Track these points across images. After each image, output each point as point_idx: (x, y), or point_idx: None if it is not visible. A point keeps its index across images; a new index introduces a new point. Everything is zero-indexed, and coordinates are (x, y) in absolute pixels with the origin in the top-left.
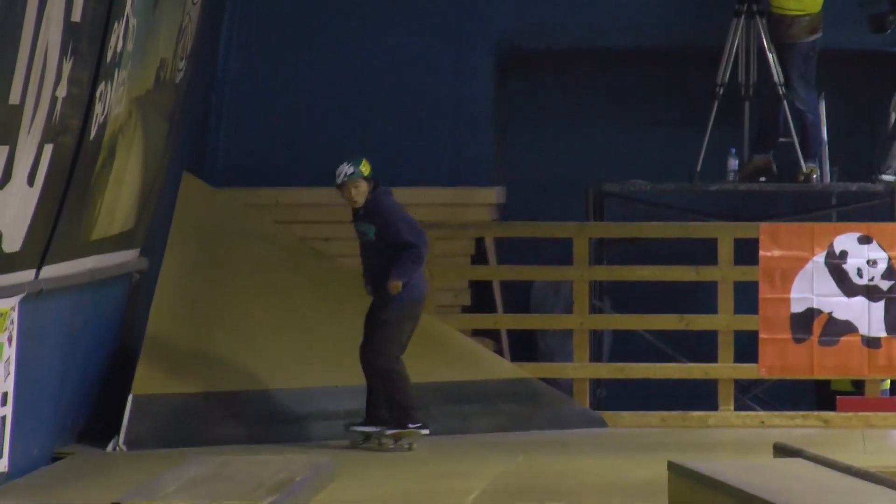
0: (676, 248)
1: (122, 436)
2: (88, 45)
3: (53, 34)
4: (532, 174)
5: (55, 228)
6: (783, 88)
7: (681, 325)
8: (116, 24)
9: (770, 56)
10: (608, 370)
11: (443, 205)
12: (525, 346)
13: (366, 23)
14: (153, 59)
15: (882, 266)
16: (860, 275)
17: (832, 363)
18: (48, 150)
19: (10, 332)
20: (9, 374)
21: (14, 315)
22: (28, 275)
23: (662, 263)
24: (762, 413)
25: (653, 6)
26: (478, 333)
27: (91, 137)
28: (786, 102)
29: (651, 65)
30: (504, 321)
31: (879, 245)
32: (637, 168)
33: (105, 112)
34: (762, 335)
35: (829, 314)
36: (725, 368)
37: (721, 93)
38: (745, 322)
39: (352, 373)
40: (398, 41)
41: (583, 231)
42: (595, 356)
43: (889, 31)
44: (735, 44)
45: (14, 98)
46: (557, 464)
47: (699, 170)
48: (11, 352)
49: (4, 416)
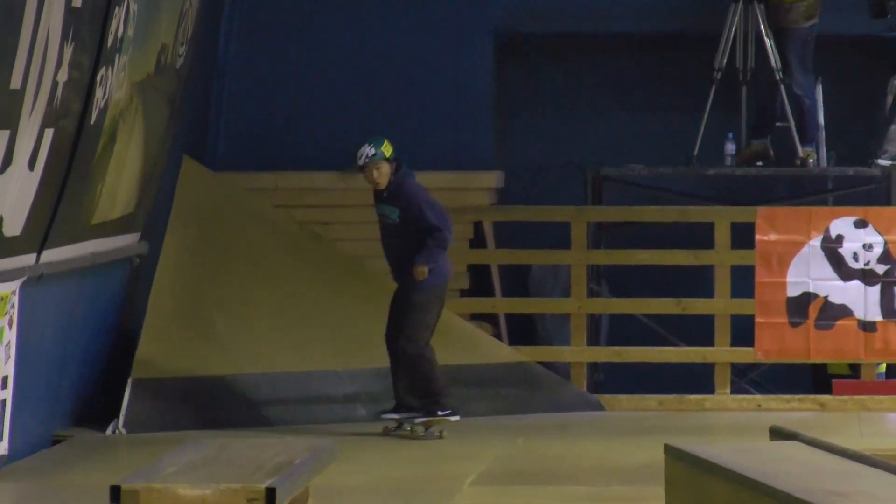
0: (674, 232)
1: (122, 419)
2: (89, 31)
3: (55, 19)
4: (530, 158)
5: (56, 213)
6: (780, 74)
7: (678, 309)
8: (117, 10)
9: (768, 41)
10: (606, 354)
11: (441, 189)
12: (523, 330)
13: (366, 7)
14: (154, 45)
15: (878, 250)
16: (856, 259)
17: (828, 347)
18: (49, 135)
19: (11, 316)
20: (9, 358)
21: (15, 299)
22: (29, 259)
23: (660, 247)
24: (758, 396)
25: None
26: (476, 317)
27: (92, 122)
28: (783, 87)
29: (649, 50)
30: (502, 305)
31: (875, 229)
32: (635, 152)
33: (106, 97)
34: (759, 319)
35: (826, 298)
36: (722, 352)
37: (719, 78)
38: (742, 306)
39: (351, 356)
40: (398, 26)
41: (581, 215)
42: (593, 340)
43: (889, 17)
44: (733, 29)
45: (15, 83)
46: (555, 447)
47: (696, 154)
48: (12, 335)
49: (5, 400)
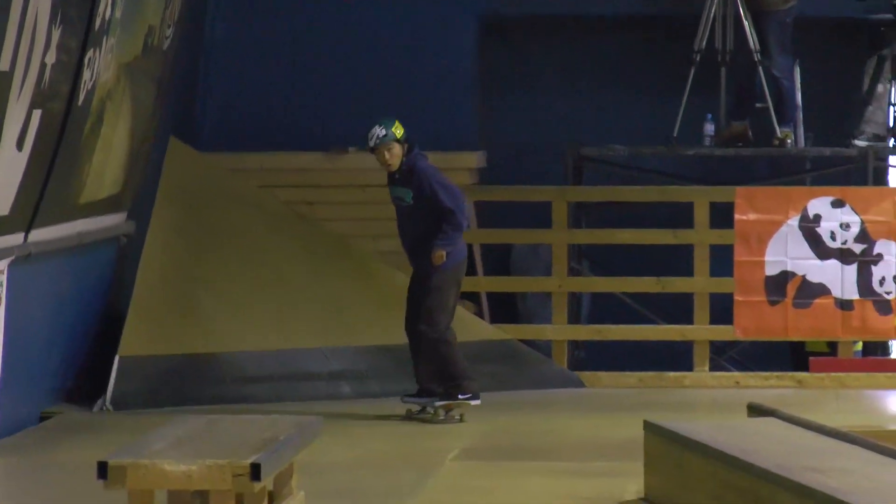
0: (654, 212)
1: (109, 396)
2: (77, 13)
3: (43, 2)
4: (513, 139)
5: (44, 192)
6: (759, 55)
7: (658, 288)
8: None
9: (746, 23)
10: (586, 332)
11: None
12: (505, 309)
13: None
14: (141, 26)
15: (855, 230)
16: (833, 238)
17: (806, 325)
18: (37, 116)
19: (0, 295)
20: None
21: (3, 278)
22: (17, 238)
23: (640, 227)
24: (737, 374)
25: None
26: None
27: (79, 103)
28: (761, 69)
29: (630, 31)
30: (484, 283)
31: (852, 209)
32: (616, 133)
33: (93, 78)
34: (737, 297)
35: (803, 277)
36: (701, 330)
37: (698, 60)
38: (721, 284)
39: (336, 334)
40: (382, 7)
41: (562, 195)
42: (574, 318)
43: None
44: (712, 11)
45: (4, 65)
46: (536, 423)
47: (676, 135)
48: (1, 314)
49: None
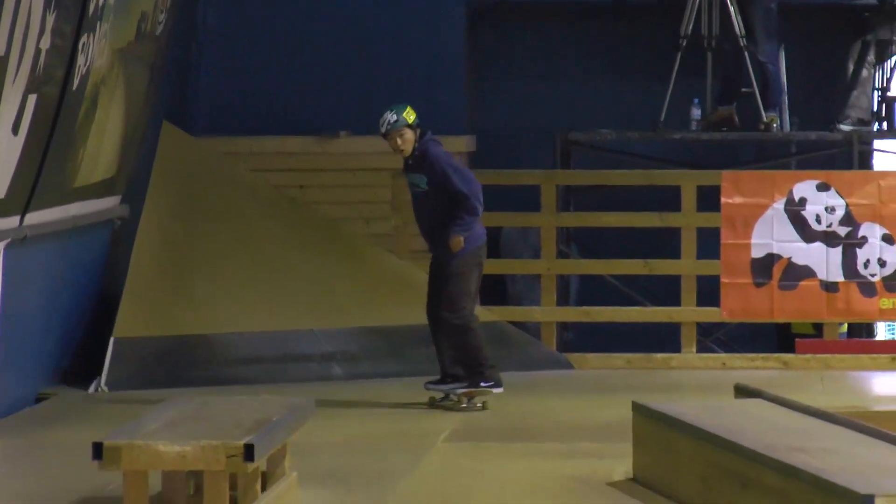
0: (641, 196)
1: (104, 377)
2: None
3: None
4: (502, 123)
5: (39, 176)
6: (745, 41)
7: (645, 270)
8: None
9: (732, 9)
10: (575, 314)
11: None
12: (494, 291)
13: None
14: (134, 12)
15: (840, 213)
16: (819, 221)
17: (791, 307)
18: (32, 100)
19: None
20: None
21: None
22: (13, 221)
23: (628, 210)
24: (723, 355)
25: None
26: None
27: (74, 88)
28: (747, 54)
29: (617, 17)
30: None
31: (837, 192)
32: (603, 118)
33: (87, 63)
34: (724, 280)
35: (789, 259)
36: (688, 312)
37: (684, 45)
38: (708, 267)
39: (327, 316)
40: None
41: (550, 179)
42: (562, 300)
43: None
44: None
45: None
46: (526, 404)
47: (663, 119)
48: None
49: None
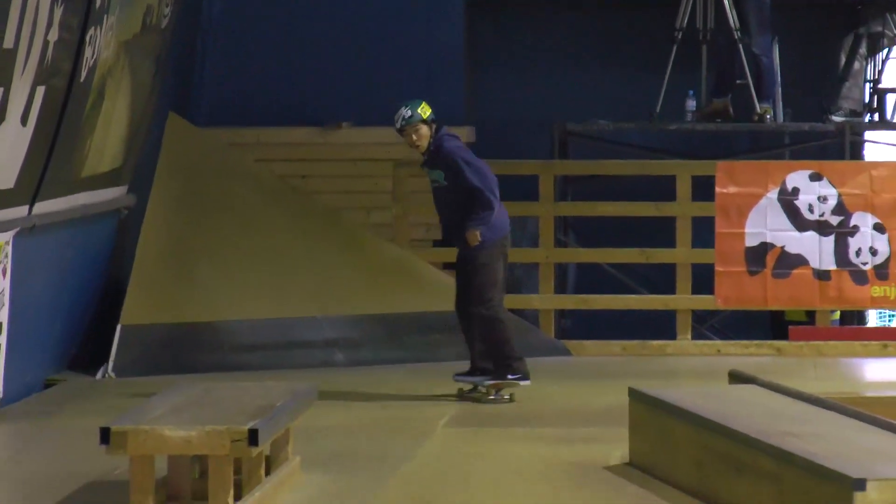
0: (637, 185)
1: (111, 364)
2: None
3: None
4: (500, 114)
5: (47, 166)
6: (739, 33)
7: (641, 259)
8: None
9: (726, 2)
10: (572, 301)
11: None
12: None
13: None
14: (140, 5)
15: (832, 202)
16: (811, 210)
17: (785, 295)
18: (40, 92)
19: (5, 266)
20: (3, 306)
21: (8, 249)
22: (21, 211)
23: (624, 200)
24: (718, 342)
25: None
26: (448, 266)
27: (81, 80)
28: (741, 47)
29: (614, 10)
30: None
31: (830, 182)
32: (600, 108)
33: (94, 55)
34: (718, 268)
35: (782, 248)
36: (683, 299)
37: (680, 37)
38: (703, 255)
39: (329, 303)
40: None
41: (548, 169)
42: (560, 288)
43: None
44: None
45: (8, 42)
46: (524, 390)
47: (659, 110)
48: (6, 284)
49: None
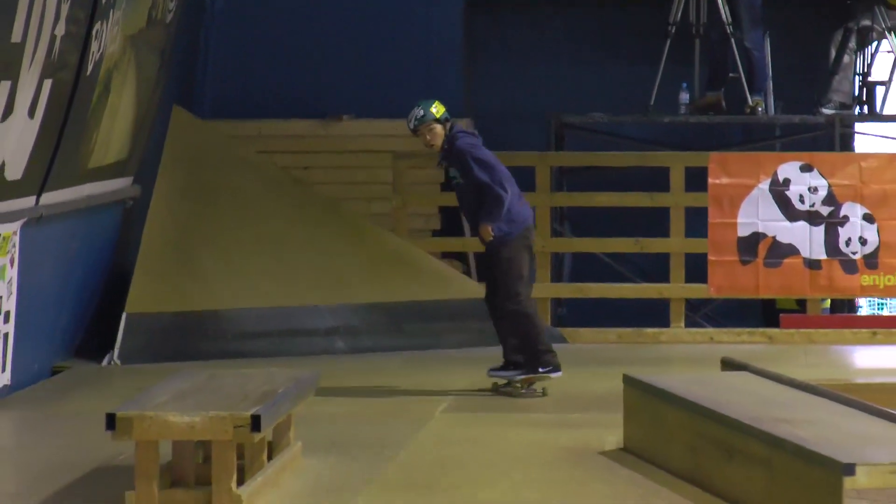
0: (632, 176)
1: (116, 351)
2: None
3: None
4: (498, 107)
5: (54, 158)
6: (731, 28)
7: (636, 248)
8: None
9: None
10: (568, 290)
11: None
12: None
13: None
14: (145, 1)
15: (822, 193)
16: (802, 201)
17: (776, 283)
18: (48, 85)
19: (13, 255)
20: (11, 294)
21: (16, 239)
22: (29, 201)
23: (619, 190)
24: (711, 330)
25: None
26: (447, 255)
27: (87, 73)
28: (734, 41)
29: (609, 5)
30: (471, 244)
31: (820, 173)
32: (596, 101)
33: (101, 49)
34: (711, 257)
35: (774, 238)
36: (677, 288)
37: (673, 32)
38: (696, 245)
39: (331, 292)
40: None
41: (545, 160)
42: (556, 277)
43: None
44: None
45: (16, 36)
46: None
47: (653, 103)
48: (13, 273)
49: (7, 333)
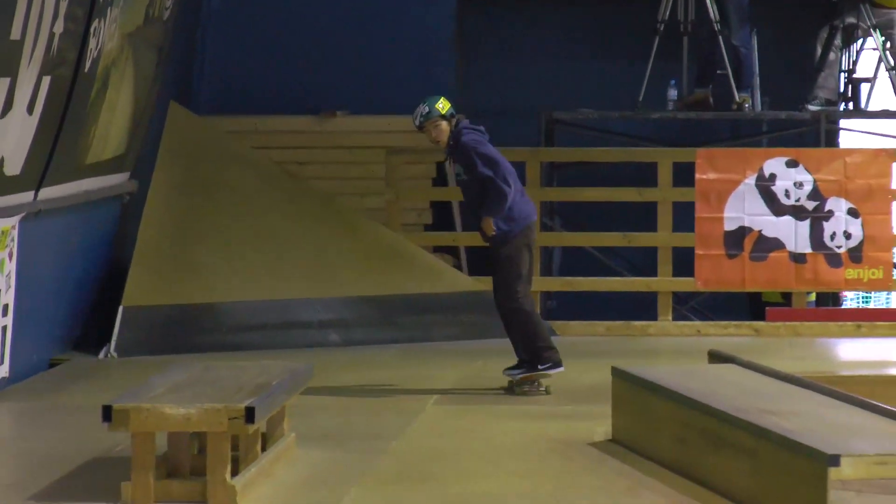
0: (621, 172)
1: (113, 344)
2: None
3: None
4: (489, 102)
5: (52, 153)
6: (719, 25)
7: (624, 242)
8: None
9: None
10: (558, 283)
11: (406, 131)
12: (482, 262)
13: None
14: None
15: (808, 188)
16: (788, 196)
17: (762, 277)
18: (46, 82)
19: (11, 249)
20: (10, 288)
21: (15, 233)
22: (27, 196)
23: (608, 185)
24: (698, 323)
25: None
26: (438, 250)
27: (86, 70)
28: (721, 38)
29: (600, 3)
30: (462, 238)
31: (805, 168)
32: (585, 97)
33: (99, 46)
34: (698, 251)
35: (760, 232)
36: (665, 282)
37: (662, 29)
38: (683, 239)
39: (324, 285)
40: None
41: (535, 156)
42: (546, 270)
43: None
44: None
45: (15, 34)
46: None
47: (642, 99)
48: (12, 267)
49: (5, 326)
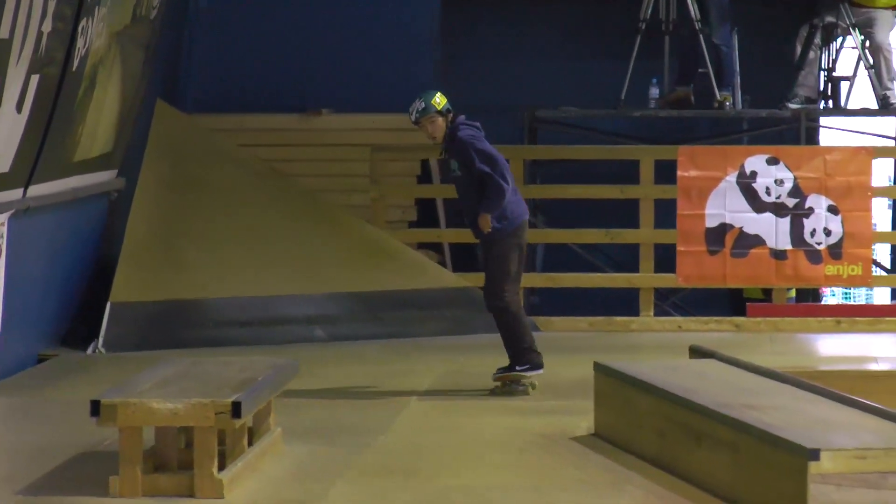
0: (603, 169)
1: (101, 339)
2: None
3: None
4: (472, 101)
5: (41, 151)
6: (700, 24)
7: (606, 239)
8: None
9: None
10: (541, 279)
11: (390, 129)
12: (466, 258)
13: None
14: None
15: (788, 185)
16: (768, 193)
17: (743, 273)
18: (35, 80)
19: (0, 246)
20: None
21: (3, 230)
22: (16, 193)
23: (590, 183)
24: (679, 318)
25: None
26: (423, 246)
27: (74, 68)
28: (702, 37)
29: (581, 1)
30: (447, 235)
31: (786, 166)
32: (568, 95)
33: (86, 45)
34: (680, 248)
35: (740, 229)
36: (646, 278)
37: (644, 28)
38: (665, 236)
39: (309, 281)
40: None
41: (518, 153)
42: (529, 267)
43: None
44: None
45: (3, 33)
46: (494, 364)
47: (624, 98)
48: (1, 263)
49: None
